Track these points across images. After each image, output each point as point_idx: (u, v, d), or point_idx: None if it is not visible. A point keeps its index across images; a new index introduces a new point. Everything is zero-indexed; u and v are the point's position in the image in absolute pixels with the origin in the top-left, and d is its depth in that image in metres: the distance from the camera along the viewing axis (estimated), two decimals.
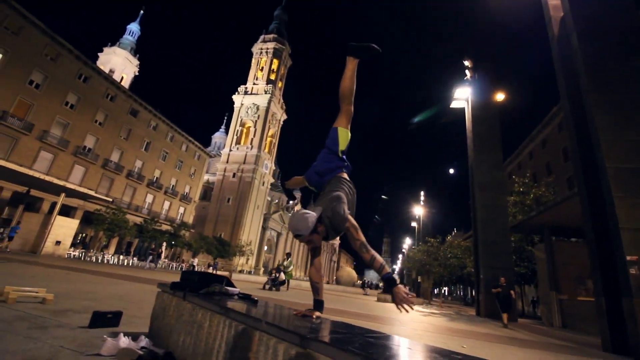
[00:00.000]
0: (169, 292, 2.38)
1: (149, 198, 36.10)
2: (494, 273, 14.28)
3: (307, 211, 1.63)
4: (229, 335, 1.59)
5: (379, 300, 16.32)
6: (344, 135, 2.04)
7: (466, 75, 16.78)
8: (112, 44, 56.60)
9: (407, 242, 63.42)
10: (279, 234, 65.60)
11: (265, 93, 56.65)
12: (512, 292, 9.93)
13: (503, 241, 15.02)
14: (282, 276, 13.02)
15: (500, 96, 16.06)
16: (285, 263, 14.04)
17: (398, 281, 1.57)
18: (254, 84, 58.59)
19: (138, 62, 58.41)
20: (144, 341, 2.01)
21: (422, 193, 44.00)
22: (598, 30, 6.55)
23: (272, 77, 59.22)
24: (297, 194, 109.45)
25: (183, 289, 2.21)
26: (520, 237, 18.79)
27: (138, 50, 59.38)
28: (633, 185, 5.83)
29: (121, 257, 22.08)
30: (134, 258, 20.43)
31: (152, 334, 2.34)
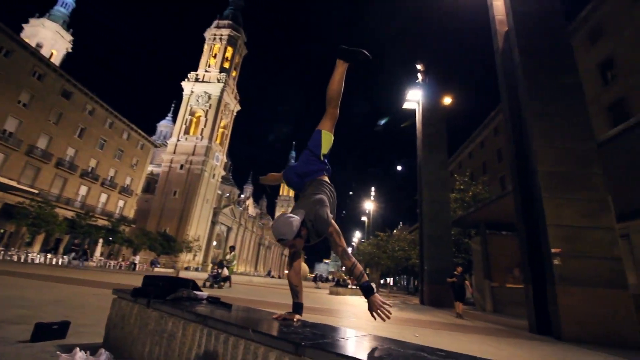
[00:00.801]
0: (129, 299, 2.18)
1: (83, 190, 32.65)
2: (437, 264, 15.40)
3: (291, 215, 1.60)
4: (208, 344, 1.51)
5: (331, 293, 16.72)
6: (327, 139, 2.03)
7: (418, 78, 17.68)
8: (41, 15, 49.79)
9: (357, 236, 65.68)
10: (229, 229, 63.72)
11: (218, 82, 54.13)
12: (466, 281, 9.71)
13: (445, 235, 16.20)
14: (225, 272, 11.91)
15: (447, 100, 17.21)
16: (228, 257, 12.83)
17: (375, 290, 1.62)
18: (206, 71, 55.66)
19: (71, 38, 52.15)
20: (104, 355, 1.82)
21: (372, 189, 45.75)
22: (537, 48, 7.32)
23: (226, 65, 56.76)
24: (248, 188, 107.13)
25: (147, 296, 2.04)
26: (459, 230, 20.46)
27: (72, 24, 53.00)
28: (558, 187, 6.65)
29: (49, 255, 19.75)
30: (65, 257, 18.32)
31: (110, 345, 2.13)
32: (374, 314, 1.54)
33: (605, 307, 5.84)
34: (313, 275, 33.86)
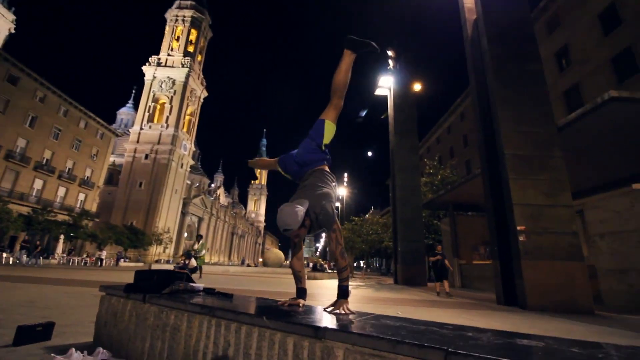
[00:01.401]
0: (120, 296, 2.10)
1: (38, 184, 30.33)
2: (410, 246, 16.04)
3: (295, 205, 1.61)
4: (218, 335, 1.51)
5: (308, 278, 16.97)
6: (330, 129, 2.02)
7: (389, 64, 17.87)
8: None
9: None
10: (200, 219, 62.21)
11: (183, 66, 51.49)
12: (446, 261, 9.59)
13: (417, 217, 16.82)
14: (193, 262, 10.88)
15: (417, 86, 17.58)
16: (196, 247, 11.58)
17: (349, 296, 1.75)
18: (169, 55, 52.68)
19: (14, 17, 46.99)
20: (102, 353, 1.76)
21: (345, 175, 46.35)
22: (504, 36, 7.62)
23: (190, 49, 54.00)
24: (219, 177, 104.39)
25: (142, 291, 1.97)
26: (429, 212, 21.37)
27: (14, 2, 47.68)
28: (523, 169, 7.10)
29: (4, 254, 18.32)
30: (25, 255, 17.02)
31: (103, 344, 2.06)
32: (335, 310, 1.66)
33: (564, 278, 6.40)
34: (289, 262, 34.21)
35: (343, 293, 1.72)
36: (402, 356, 0.98)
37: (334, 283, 13.46)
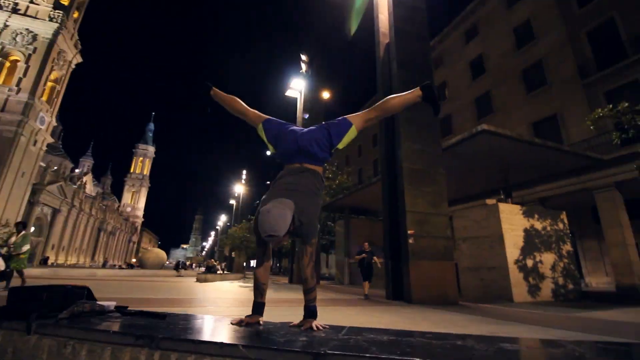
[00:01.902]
0: None
1: None
2: None
3: (284, 208, 1.39)
4: None
5: (199, 280, 15.71)
6: (351, 136, 1.83)
7: (302, 68, 18.20)
8: None
9: (223, 219, 63.69)
10: (56, 211, 50.76)
11: (52, 20, 41.21)
12: (375, 258, 8.90)
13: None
14: (1, 264, 7.23)
15: (326, 94, 18.42)
16: (13, 240, 7.57)
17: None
18: (32, 2, 41.48)
19: None
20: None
21: (244, 172, 45.03)
22: (410, 64, 8.66)
23: (65, 1, 43.73)
24: (86, 162, 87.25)
25: (25, 317, 1.39)
26: (325, 215, 22.61)
27: None
28: (416, 181, 8.16)
29: None
30: None
31: None
32: (308, 327, 1.56)
33: (439, 275, 7.60)
34: (176, 263, 30.90)
35: (311, 313, 1.63)
36: None
37: (230, 286, 12.79)
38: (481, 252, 9.16)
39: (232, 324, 1.57)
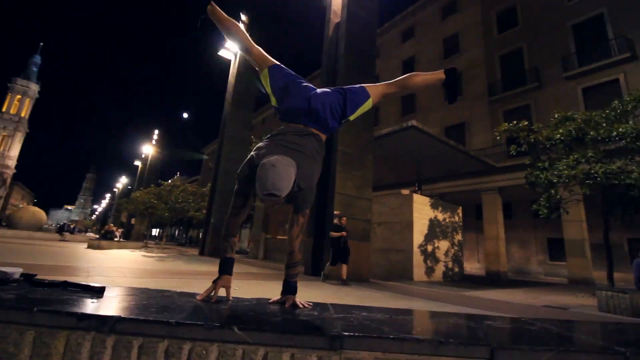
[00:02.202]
0: None
1: None
2: (223, 218, 15.89)
3: (288, 165, 1.20)
4: None
5: (91, 247, 13.77)
6: (365, 109, 1.64)
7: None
8: None
9: (123, 181, 56.82)
10: None
11: None
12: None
13: None
14: None
15: None
16: None
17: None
18: None
19: None
20: None
21: (155, 132, 40.56)
22: (356, 49, 8.70)
23: None
24: None
25: None
26: None
27: None
28: (347, 165, 8.44)
29: None
30: None
31: None
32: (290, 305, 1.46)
33: (358, 255, 8.10)
34: (59, 225, 26.28)
35: (293, 289, 1.53)
36: (445, 357, 0.89)
37: (132, 255, 11.50)
38: (392, 236, 10.08)
39: (197, 298, 1.34)
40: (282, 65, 1.66)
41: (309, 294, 4.60)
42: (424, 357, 0.90)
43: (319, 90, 1.58)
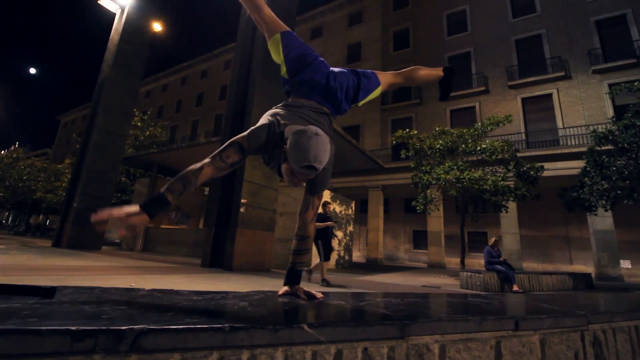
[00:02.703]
0: None
1: None
2: (92, 202, 13.26)
3: (327, 137, 1.07)
4: None
5: None
6: (374, 96, 1.58)
7: None
8: None
9: None
10: None
11: None
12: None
13: (112, 171, 14.34)
14: None
15: (157, 26, 15.18)
16: None
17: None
18: None
19: None
20: None
21: None
22: None
23: None
24: None
25: None
26: (124, 169, 18.87)
27: None
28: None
29: None
30: None
31: None
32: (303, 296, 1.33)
33: (261, 245, 7.99)
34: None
35: (299, 279, 1.38)
36: (487, 333, 0.97)
37: None
38: (293, 225, 10.27)
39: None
40: (293, 32, 1.49)
41: (219, 285, 4.27)
42: (472, 334, 0.94)
43: (336, 69, 1.49)
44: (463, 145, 8.29)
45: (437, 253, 15.57)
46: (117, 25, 14.09)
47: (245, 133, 1.26)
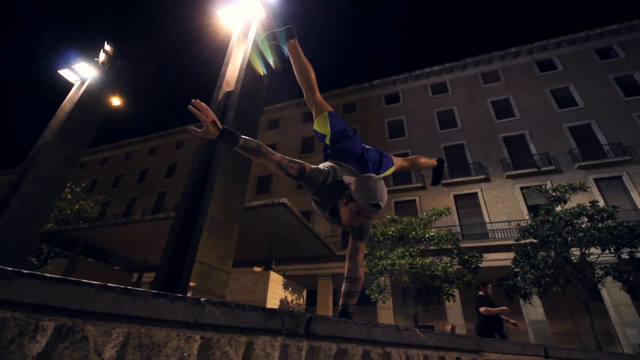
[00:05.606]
0: None
1: None
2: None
3: None
4: None
5: None
6: (388, 173, 1.88)
7: (98, 57, 14.61)
8: None
9: None
10: None
11: None
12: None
13: (24, 247, 12.22)
14: None
15: (116, 101, 15.27)
16: None
17: None
18: None
19: None
20: None
21: None
22: (244, 118, 9.05)
23: None
24: None
25: None
26: (39, 247, 16.15)
27: None
28: (215, 231, 7.77)
29: None
30: None
31: None
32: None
33: None
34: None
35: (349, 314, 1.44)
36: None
37: None
38: None
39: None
40: (336, 113, 1.80)
41: None
42: (521, 357, 1.00)
43: (367, 147, 1.84)
44: (413, 232, 8.91)
45: None
46: (73, 95, 13.83)
47: (312, 165, 1.41)
